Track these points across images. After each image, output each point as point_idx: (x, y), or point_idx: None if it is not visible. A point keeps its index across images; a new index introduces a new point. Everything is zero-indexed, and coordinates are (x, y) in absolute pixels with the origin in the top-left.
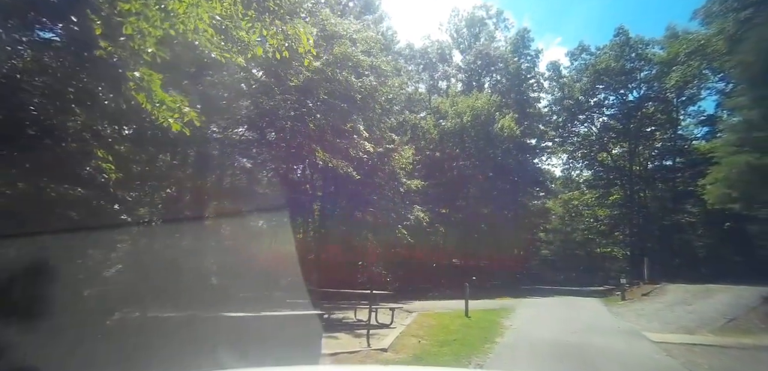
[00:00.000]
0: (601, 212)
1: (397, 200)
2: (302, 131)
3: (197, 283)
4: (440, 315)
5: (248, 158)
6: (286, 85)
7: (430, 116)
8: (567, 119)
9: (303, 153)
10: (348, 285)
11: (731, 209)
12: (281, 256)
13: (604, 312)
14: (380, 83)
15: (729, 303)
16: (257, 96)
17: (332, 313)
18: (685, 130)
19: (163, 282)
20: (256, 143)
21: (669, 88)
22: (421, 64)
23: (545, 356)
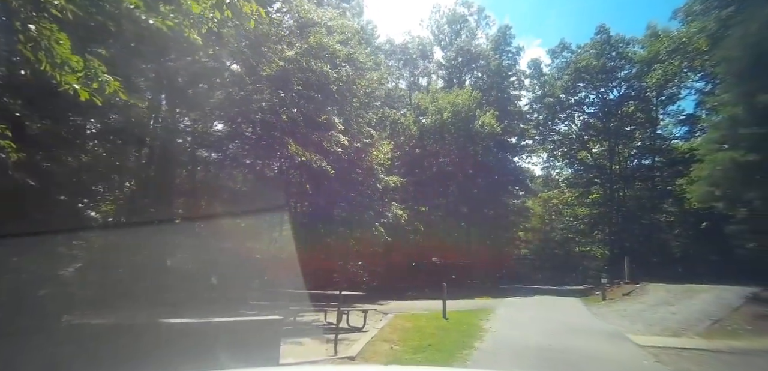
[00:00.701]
0: (580, 211)
1: (374, 197)
2: (274, 124)
3: (162, 284)
4: (417, 317)
5: (220, 153)
6: (259, 75)
7: (410, 112)
8: (548, 117)
9: (275, 147)
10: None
11: (714, 208)
12: (254, 256)
13: (585, 313)
14: (358, 76)
15: (711, 304)
16: (229, 87)
17: (302, 315)
18: (664, 129)
19: (126, 283)
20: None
21: (650, 87)
22: (401, 59)
23: (527, 363)
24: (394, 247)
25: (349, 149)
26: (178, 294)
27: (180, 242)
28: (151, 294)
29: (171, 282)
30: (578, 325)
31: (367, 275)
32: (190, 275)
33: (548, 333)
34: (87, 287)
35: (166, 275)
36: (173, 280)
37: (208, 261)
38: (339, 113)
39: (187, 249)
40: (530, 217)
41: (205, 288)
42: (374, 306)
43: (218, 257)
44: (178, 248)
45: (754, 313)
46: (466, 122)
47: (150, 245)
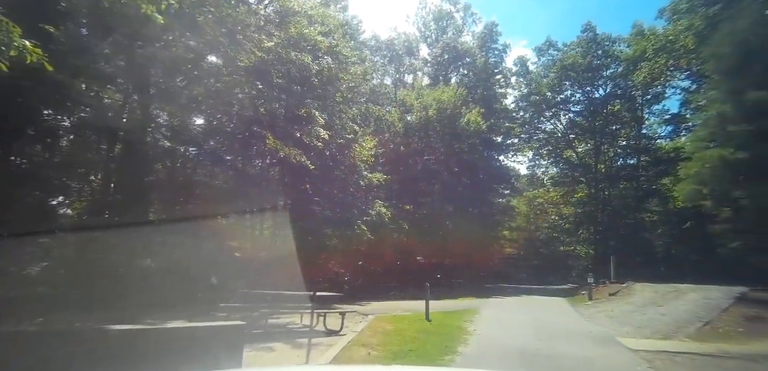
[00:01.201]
0: (565, 210)
1: (357, 194)
2: (252, 117)
3: (137, 285)
4: (398, 319)
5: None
6: (237, 66)
7: (395, 108)
8: (533, 115)
9: (253, 141)
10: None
11: (701, 207)
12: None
13: (572, 314)
14: (341, 70)
15: (700, 304)
16: (205, 78)
17: (278, 317)
18: (649, 129)
19: (99, 284)
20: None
21: (636, 85)
22: (387, 55)
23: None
24: (377, 246)
25: (331, 144)
26: (152, 295)
27: (156, 242)
28: (124, 296)
29: (146, 283)
30: (566, 327)
31: (350, 274)
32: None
33: (535, 337)
34: (55, 288)
35: (142, 276)
36: (149, 281)
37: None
38: (321, 107)
39: (164, 249)
40: (515, 216)
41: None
42: (356, 307)
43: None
44: (154, 248)
45: (745, 314)
46: (452, 120)
47: (124, 245)
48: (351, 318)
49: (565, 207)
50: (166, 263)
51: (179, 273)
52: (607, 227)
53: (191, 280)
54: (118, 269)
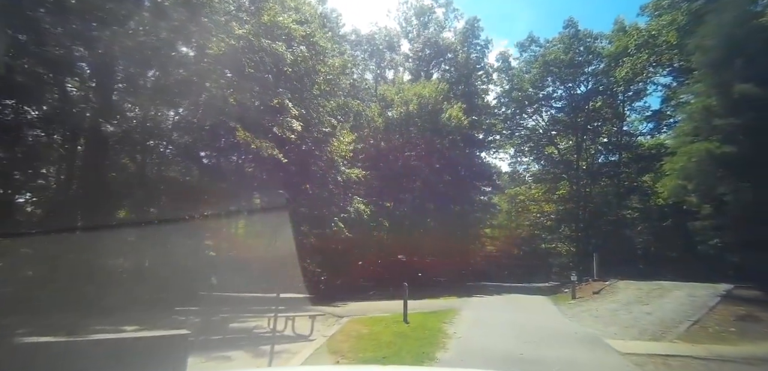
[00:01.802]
0: (547, 207)
1: (335, 190)
2: (220, 107)
3: (93, 287)
4: (374, 321)
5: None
6: (206, 54)
7: (375, 103)
8: (515, 111)
9: (221, 132)
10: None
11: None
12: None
13: (556, 314)
14: (318, 62)
15: (686, 303)
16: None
17: (245, 320)
18: (630, 126)
19: (50, 287)
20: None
21: (617, 81)
22: (367, 50)
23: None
24: (356, 244)
25: (307, 138)
26: (115, 297)
27: (123, 241)
28: (84, 298)
29: (110, 284)
30: (550, 328)
31: (328, 274)
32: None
33: (519, 339)
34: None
35: (106, 276)
36: (114, 282)
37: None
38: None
39: (130, 248)
40: (497, 214)
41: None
42: (331, 308)
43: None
44: (120, 247)
45: (734, 313)
46: (433, 115)
47: (87, 245)
48: (324, 320)
49: (546, 205)
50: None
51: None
52: (589, 225)
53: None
54: (79, 270)
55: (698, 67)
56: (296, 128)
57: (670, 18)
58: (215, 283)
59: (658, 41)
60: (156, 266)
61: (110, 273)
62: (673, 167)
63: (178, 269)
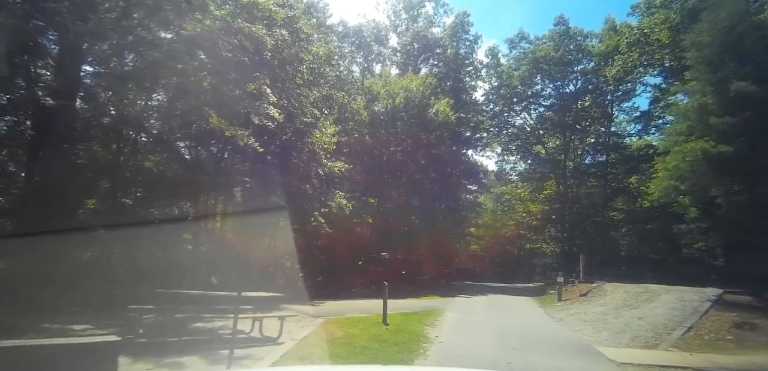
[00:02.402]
0: (533, 207)
1: (317, 183)
2: (193, 91)
3: (56, 285)
4: (352, 322)
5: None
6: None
7: (361, 96)
8: (503, 108)
9: (192, 118)
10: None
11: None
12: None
13: (543, 317)
14: (301, 49)
15: (677, 307)
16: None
17: (210, 320)
18: (618, 127)
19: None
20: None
21: (608, 80)
22: (354, 42)
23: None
24: (339, 240)
25: (288, 128)
26: (70, 296)
27: (89, 235)
28: (45, 296)
29: (69, 281)
30: (538, 333)
31: (307, 271)
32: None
33: (505, 345)
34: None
35: (73, 272)
36: (74, 279)
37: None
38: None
39: (97, 243)
40: (482, 213)
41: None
42: (308, 307)
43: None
44: (85, 241)
45: (728, 320)
46: (420, 109)
47: (50, 240)
48: (298, 321)
49: (532, 204)
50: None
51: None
52: (574, 225)
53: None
54: (39, 267)
55: (694, 65)
56: (274, 116)
57: (663, 16)
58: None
59: (650, 39)
60: (125, 261)
61: (74, 269)
62: (666, 167)
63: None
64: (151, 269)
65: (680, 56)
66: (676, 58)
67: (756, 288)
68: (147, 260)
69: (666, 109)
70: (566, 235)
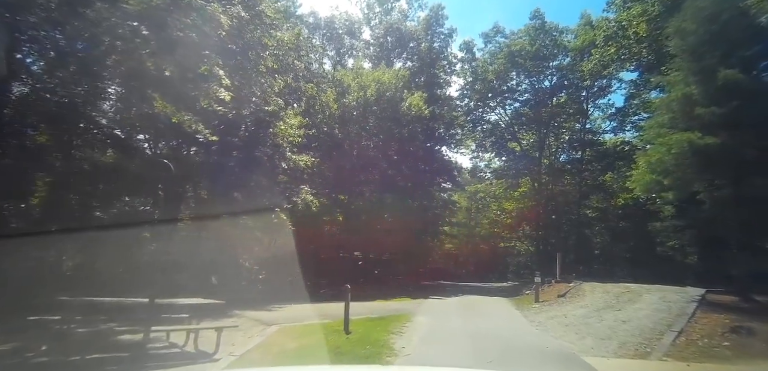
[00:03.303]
0: (507, 205)
1: (282, 177)
2: (135, 72)
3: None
4: (310, 330)
5: (79, 114)
6: (122, 9)
7: (331, 89)
8: (478, 103)
9: (133, 100)
10: (202, 289)
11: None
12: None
13: (521, 321)
14: (264, 34)
15: (661, 309)
16: (75, 20)
17: (136, 332)
18: (593, 124)
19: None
20: (89, 96)
21: (584, 75)
22: (326, 33)
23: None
24: (306, 239)
25: (249, 117)
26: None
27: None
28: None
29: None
30: (517, 340)
31: (265, 272)
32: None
33: (481, 356)
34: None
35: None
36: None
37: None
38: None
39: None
40: (456, 211)
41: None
42: (263, 313)
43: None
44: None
45: (720, 324)
46: (392, 103)
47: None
48: (248, 330)
49: (507, 202)
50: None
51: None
52: (549, 223)
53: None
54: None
55: (677, 53)
56: (224, 98)
57: (640, 8)
58: (129, 281)
59: (627, 33)
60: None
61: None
62: (649, 160)
63: (88, 272)
64: (89, 274)
65: (658, 49)
66: (654, 52)
67: (740, 287)
68: (92, 264)
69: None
70: (541, 233)
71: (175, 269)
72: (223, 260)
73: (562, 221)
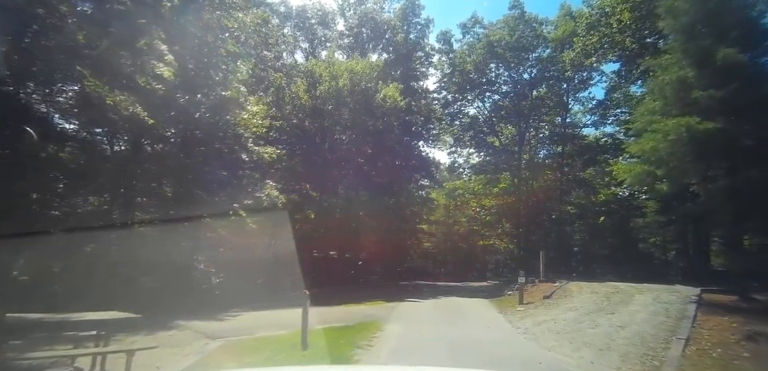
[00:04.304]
0: (487, 202)
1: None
2: (64, 46)
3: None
4: (260, 345)
5: None
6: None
7: (301, 79)
8: (456, 96)
9: (56, 75)
10: (137, 297)
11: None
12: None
13: (505, 328)
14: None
15: (658, 312)
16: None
17: (42, 349)
18: (573, 118)
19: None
20: None
21: (565, 65)
22: (297, 22)
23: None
24: (273, 238)
25: (204, 103)
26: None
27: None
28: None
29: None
30: (503, 353)
31: (224, 275)
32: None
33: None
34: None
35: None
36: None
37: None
38: (196, 56)
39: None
40: (434, 209)
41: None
42: (212, 323)
43: None
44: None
45: (730, 328)
46: (367, 94)
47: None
48: (183, 347)
49: (486, 199)
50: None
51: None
52: (530, 220)
53: None
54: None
55: (670, 33)
56: (163, 74)
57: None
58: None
59: (610, 21)
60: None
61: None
62: (642, 149)
63: None
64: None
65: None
66: (637, 41)
67: (739, 286)
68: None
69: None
70: (521, 231)
71: (108, 275)
72: (174, 263)
73: (543, 217)
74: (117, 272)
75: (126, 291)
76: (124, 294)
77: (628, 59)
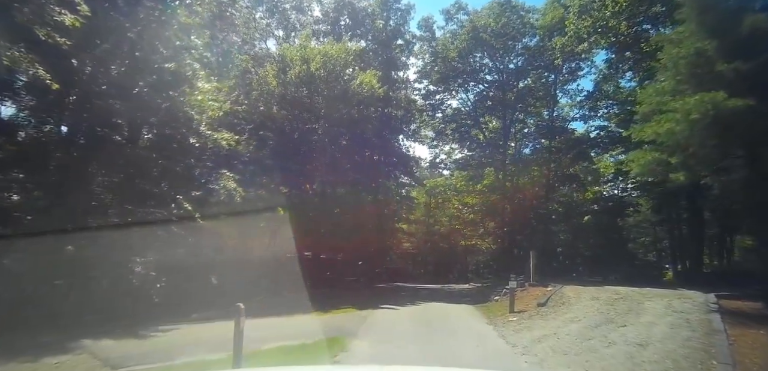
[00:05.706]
0: (469, 199)
1: (192, 160)
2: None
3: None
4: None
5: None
6: None
7: (271, 64)
8: (438, 85)
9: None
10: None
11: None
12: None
13: (497, 343)
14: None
15: (678, 324)
16: None
17: None
18: (560, 111)
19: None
20: None
21: (555, 52)
22: (269, 6)
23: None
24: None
25: (144, 75)
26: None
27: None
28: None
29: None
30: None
31: (167, 279)
32: None
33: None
34: None
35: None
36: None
37: None
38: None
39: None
40: (414, 208)
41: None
42: (130, 341)
43: None
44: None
45: None
46: (341, 81)
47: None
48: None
49: (468, 197)
50: None
51: None
52: (515, 218)
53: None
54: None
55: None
56: (66, 22)
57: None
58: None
59: (605, 2)
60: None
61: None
62: (657, 132)
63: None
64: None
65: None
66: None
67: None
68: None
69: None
70: (506, 229)
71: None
72: (102, 266)
73: (529, 216)
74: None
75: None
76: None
77: (620, 48)
